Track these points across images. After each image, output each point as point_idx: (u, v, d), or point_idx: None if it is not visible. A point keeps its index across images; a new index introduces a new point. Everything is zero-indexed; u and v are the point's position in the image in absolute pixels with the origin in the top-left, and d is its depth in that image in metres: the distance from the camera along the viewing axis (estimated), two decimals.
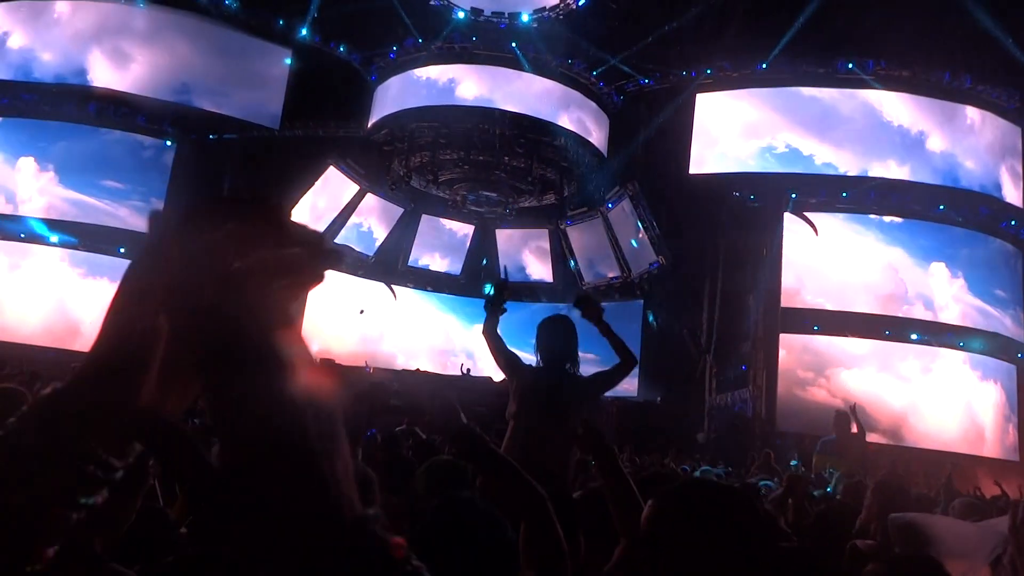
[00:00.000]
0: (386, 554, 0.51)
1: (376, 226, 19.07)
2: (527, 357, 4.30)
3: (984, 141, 15.76)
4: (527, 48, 16.60)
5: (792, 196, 15.74)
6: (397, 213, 19.10)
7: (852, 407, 8.17)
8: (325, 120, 17.50)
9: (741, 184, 16.14)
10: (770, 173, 16.04)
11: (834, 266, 15.33)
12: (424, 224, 19.52)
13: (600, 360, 4.50)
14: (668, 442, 13.15)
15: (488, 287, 4.34)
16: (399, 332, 18.86)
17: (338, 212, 18.10)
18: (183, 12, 16.25)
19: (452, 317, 19.70)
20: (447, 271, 20.02)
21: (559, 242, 19.44)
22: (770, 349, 15.17)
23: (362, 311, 18.09)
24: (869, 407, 14.12)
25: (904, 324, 15.02)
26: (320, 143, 17.37)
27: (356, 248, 18.39)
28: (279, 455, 0.50)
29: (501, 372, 4.22)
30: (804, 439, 12.12)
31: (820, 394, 14.39)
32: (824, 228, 15.53)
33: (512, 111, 16.61)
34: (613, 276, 18.66)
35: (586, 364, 4.19)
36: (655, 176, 17.05)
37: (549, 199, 18.22)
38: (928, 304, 15.17)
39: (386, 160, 17.73)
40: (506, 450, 3.90)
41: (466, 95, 16.88)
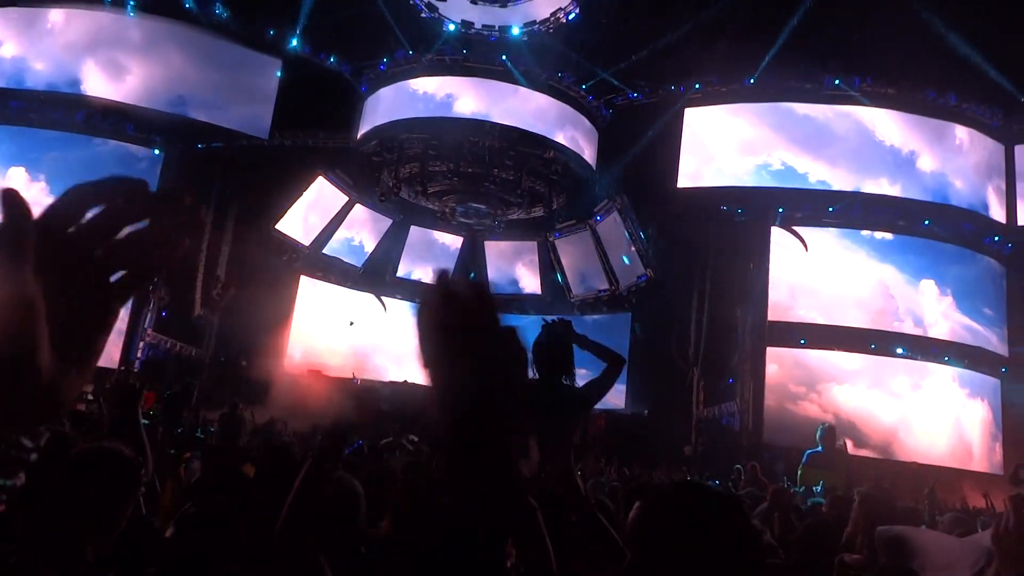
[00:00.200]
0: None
1: (365, 237, 19.06)
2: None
3: (971, 161, 15.96)
4: (517, 61, 16.69)
5: (779, 210, 15.87)
6: (386, 224, 19.10)
7: (830, 427, 8.26)
8: (315, 130, 17.50)
9: (729, 198, 16.24)
10: (757, 187, 16.14)
11: (827, 282, 15.42)
12: (413, 235, 19.52)
13: (591, 375, 4.50)
14: (656, 455, 13.17)
15: None
16: (390, 345, 18.81)
17: (327, 223, 18.09)
18: (173, 22, 16.23)
19: None
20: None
21: (548, 254, 19.48)
22: (757, 362, 15.22)
23: (352, 323, 18.07)
24: (860, 423, 14.24)
25: (890, 338, 15.12)
26: (309, 153, 17.36)
27: (345, 260, 18.37)
28: None
29: None
30: (791, 452, 12.16)
31: (812, 409, 14.43)
32: (817, 244, 15.64)
33: (502, 123, 16.66)
34: (601, 289, 18.71)
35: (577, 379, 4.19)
36: (644, 190, 17.13)
37: (538, 212, 18.27)
38: (918, 321, 15.30)
39: (375, 171, 17.75)
40: None
41: (456, 107, 16.93)
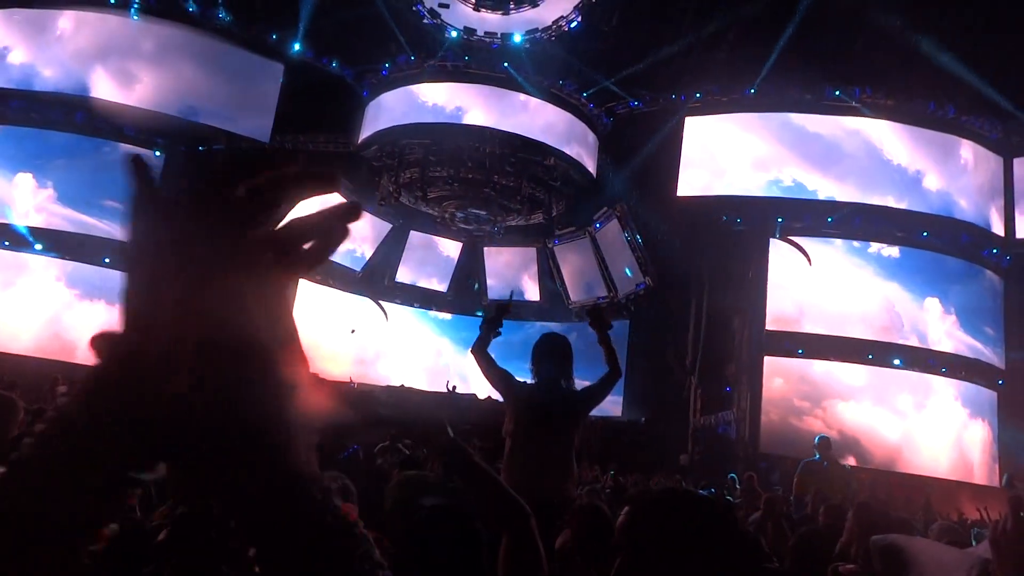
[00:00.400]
0: (338, 513, 0.55)
1: (365, 242, 19.08)
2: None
3: (976, 182, 16.07)
4: (519, 68, 16.74)
5: (779, 220, 15.90)
6: (386, 229, 19.11)
7: (827, 437, 8.28)
8: (315, 134, 17.53)
9: (728, 207, 16.27)
10: (757, 197, 16.18)
11: (834, 297, 15.48)
12: (412, 240, 19.54)
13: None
14: (653, 463, 13.16)
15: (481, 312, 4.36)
16: (393, 354, 18.82)
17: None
18: (176, 25, 16.26)
19: (446, 340, 19.68)
20: (434, 288, 20.03)
21: (547, 261, 19.50)
22: (754, 371, 15.23)
23: (353, 330, 18.09)
24: (864, 439, 14.30)
25: (888, 349, 15.14)
26: (309, 157, 17.38)
27: (344, 263, 18.37)
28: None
29: (494, 389, 4.23)
30: (785, 461, 12.18)
31: (816, 424, 14.43)
32: (824, 259, 15.71)
33: (503, 130, 16.70)
34: (600, 296, 18.71)
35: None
36: (644, 198, 17.17)
37: (537, 218, 18.29)
38: (922, 339, 15.38)
39: (376, 176, 17.77)
40: (504, 467, 3.92)
41: (457, 113, 16.97)
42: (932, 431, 14.82)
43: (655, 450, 14.70)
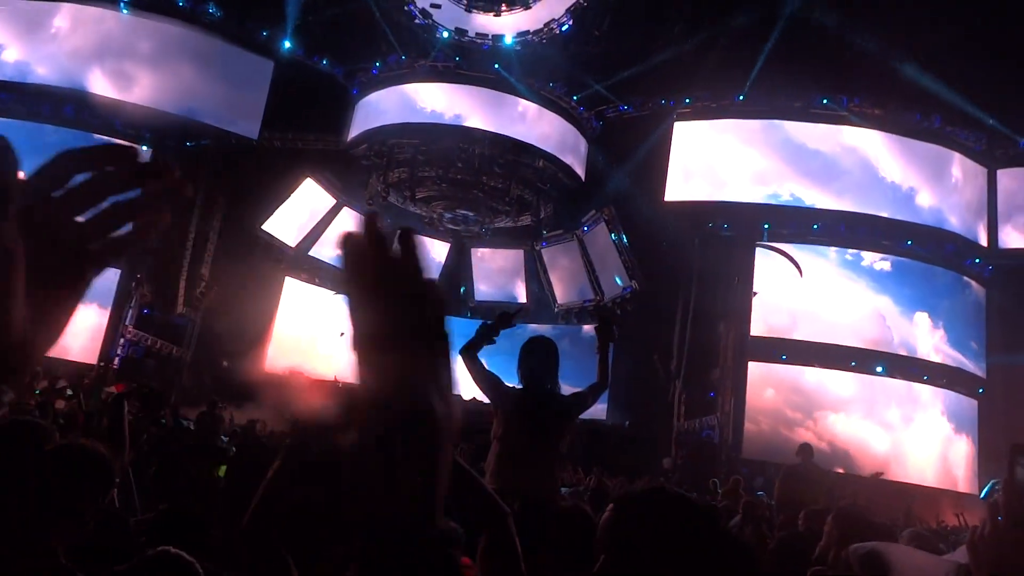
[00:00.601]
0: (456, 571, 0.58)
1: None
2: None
3: (965, 198, 16.34)
4: (509, 70, 16.74)
5: (765, 227, 15.99)
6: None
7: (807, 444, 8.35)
8: (304, 132, 17.47)
9: (715, 213, 16.34)
10: (743, 203, 16.26)
11: (827, 308, 15.63)
12: None
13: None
14: (637, 466, 13.17)
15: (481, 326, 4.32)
16: None
17: (314, 225, 18.02)
18: (167, 20, 16.17)
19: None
20: None
21: (534, 263, 19.50)
22: (738, 377, 15.30)
23: (343, 333, 18.02)
24: (853, 450, 14.51)
25: (870, 356, 15.26)
26: (298, 155, 17.32)
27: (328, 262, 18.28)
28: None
29: (482, 393, 4.23)
30: (769, 467, 12.22)
31: (807, 435, 14.50)
32: (819, 272, 15.88)
33: (492, 131, 16.70)
34: (586, 299, 18.74)
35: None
36: (631, 202, 17.19)
37: (525, 220, 18.30)
38: (911, 352, 15.61)
39: (364, 175, 17.72)
40: (491, 469, 3.92)
41: (447, 114, 16.96)
42: (918, 442, 15.02)
43: (639, 453, 14.72)
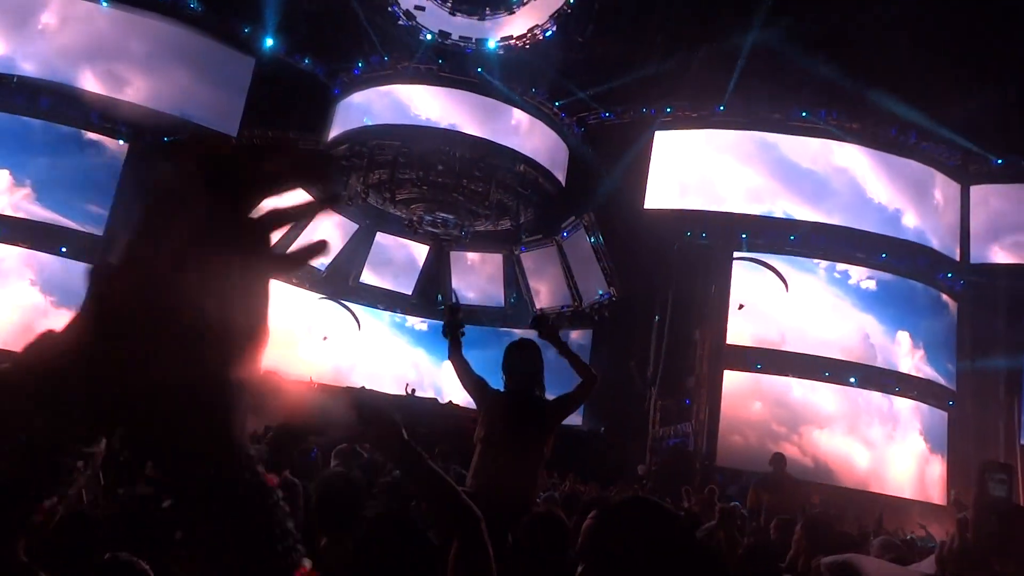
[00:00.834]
0: (257, 475, 0.58)
1: (330, 241, 18.85)
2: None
3: (946, 220, 16.63)
4: (492, 74, 16.76)
5: (743, 236, 16.14)
6: (352, 229, 18.97)
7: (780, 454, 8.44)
8: (285, 130, 17.34)
9: (693, 222, 16.44)
10: (721, 212, 16.40)
11: (814, 324, 15.82)
12: (379, 242, 19.42)
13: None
14: (611, 473, 13.20)
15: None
16: (368, 363, 18.56)
17: (292, 225, 17.86)
18: (146, 13, 15.99)
19: (421, 351, 19.49)
20: (399, 290, 19.92)
21: (513, 268, 19.51)
22: (714, 384, 15.40)
23: (325, 338, 18.03)
24: (835, 465, 14.69)
25: (843, 367, 15.43)
26: (277, 152, 17.19)
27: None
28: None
29: (468, 394, 4.21)
30: (742, 475, 12.32)
31: (792, 450, 14.64)
32: (807, 289, 16.05)
33: (473, 135, 16.70)
34: (564, 305, 18.78)
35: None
36: (611, 208, 17.27)
37: (505, 225, 18.30)
38: (893, 369, 15.87)
39: (344, 175, 17.63)
40: (473, 473, 3.91)
41: (428, 116, 16.94)
42: (896, 457, 15.28)
43: (614, 460, 14.74)
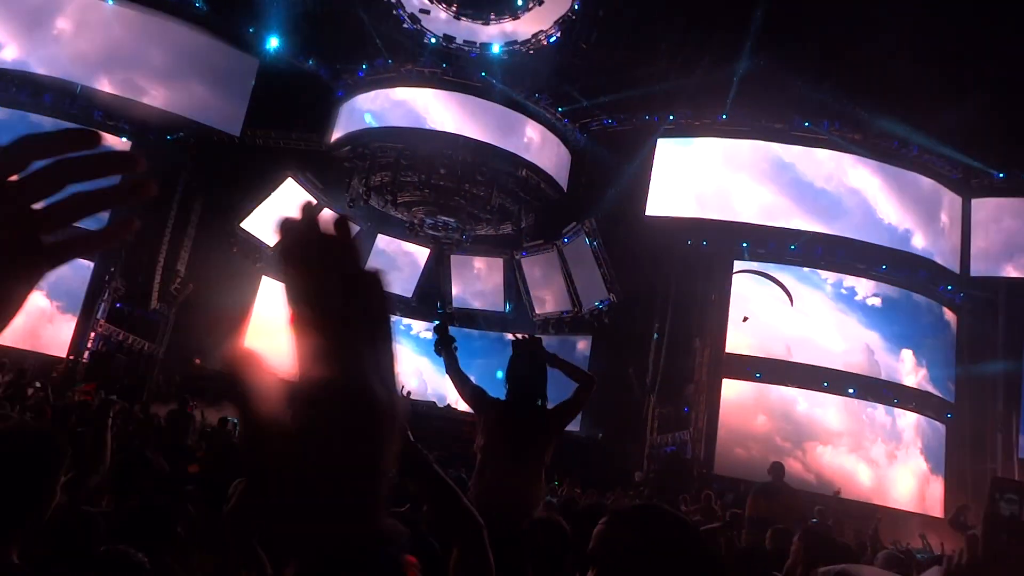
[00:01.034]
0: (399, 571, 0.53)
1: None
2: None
3: (951, 242, 16.73)
4: (495, 79, 16.79)
5: (744, 245, 16.15)
6: (353, 231, 18.89)
7: (779, 463, 8.43)
8: (288, 131, 17.38)
9: (694, 230, 16.45)
10: (722, 221, 16.41)
11: (821, 338, 15.87)
12: (380, 244, 19.43)
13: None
14: (609, 479, 13.19)
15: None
16: None
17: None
18: (153, 12, 16.04)
19: (426, 360, 19.42)
20: (399, 293, 19.90)
21: (513, 272, 19.51)
22: (712, 393, 15.39)
23: None
24: (836, 477, 14.54)
25: (841, 377, 15.43)
26: (280, 153, 17.22)
27: None
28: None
29: (467, 405, 4.21)
30: (739, 484, 12.31)
31: (796, 465, 14.66)
32: (814, 305, 16.10)
33: (475, 139, 16.72)
34: (564, 310, 18.78)
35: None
36: (612, 215, 17.28)
37: (506, 229, 18.31)
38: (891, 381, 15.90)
39: (346, 177, 17.65)
40: (474, 482, 3.89)
41: (432, 119, 16.96)
42: (895, 470, 15.33)
43: (611, 466, 14.74)
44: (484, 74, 16.85)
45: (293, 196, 17.70)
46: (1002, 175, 16.39)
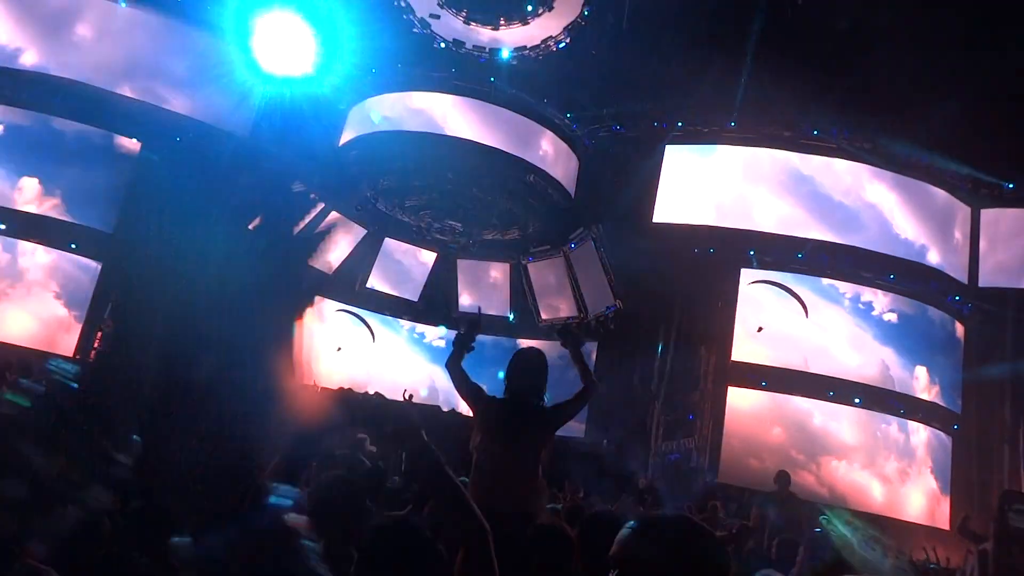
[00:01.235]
0: (282, 524, 0.53)
1: (338, 245, 18.91)
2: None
3: (961, 258, 16.64)
4: (504, 84, 16.81)
5: (751, 252, 16.12)
6: (360, 234, 19.00)
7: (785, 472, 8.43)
8: (296, 134, 17.38)
9: (701, 237, 16.43)
10: (729, 228, 16.39)
11: (839, 351, 15.85)
12: (386, 247, 19.44)
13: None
14: (613, 485, 13.15)
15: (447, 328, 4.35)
16: (385, 378, 18.45)
17: (301, 227, 17.90)
18: (164, 15, 16.12)
19: (438, 368, 19.35)
20: (405, 296, 19.91)
21: (519, 277, 19.50)
22: (718, 400, 15.35)
23: (339, 348, 18.19)
24: (851, 498, 14.51)
25: (847, 387, 15.37)
26: (289, 155, 17.22)
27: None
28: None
29: (464, 402, 4.23)
30: (744, 493, 12.28)
31: (808, 478, 14.61)
32: (831, 318, 16.07)
33: (483, 144, 16.73)
34: (570, 316, 18.75)
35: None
36: (620, 221, 17.25)
37: (513, 234, 18.30)
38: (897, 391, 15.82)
39: (354, 180, 17.67)
40: (470, 481, 3.90)
41: (440, 124, 16.97)
42: (902, 480, 15.26)
43: (616, 473, 14.70)
44: (492, 79, 16.87)
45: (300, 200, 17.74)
46: (1011, 185, 16.33)
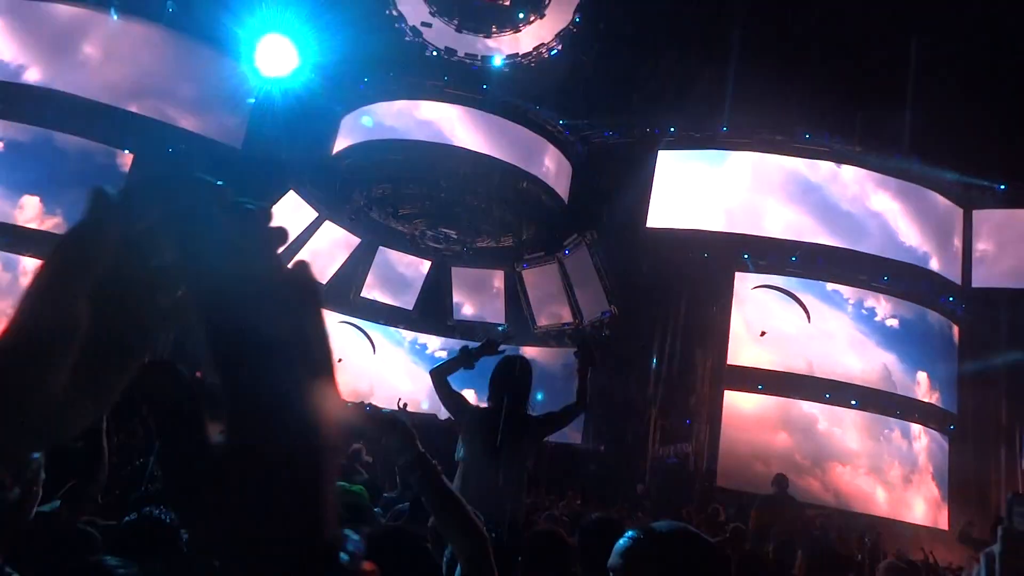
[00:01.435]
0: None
1: (333, 255, 18.88)
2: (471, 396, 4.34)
3: (952, 247, 16.80)
4: (497, 91, 16.85)
5: (745, 256, 16.15)
6: (354, 243, 18.97)
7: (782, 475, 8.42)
8: (289, 143, 17.37)
9: (695, 242, 16.46)
10: (723, 233, 16.42)
11: (842, 356, 15.92)
12: (380, 256, 19.41)
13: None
14: (611, 492, 13.15)
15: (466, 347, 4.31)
16: (385, 390, 18.39)
17: (295, 237, 17.89)
18: (153, 25, 16.11)
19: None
20: (400, 305, 19.87)
21: (514, 284, 19.49)
22: (714, 404, 15.36)
23: (340, 359, 18.01)
24: (854, 504, 14.59)
25: (844, 389, 15.40)
26: (282, 166, 17.21)
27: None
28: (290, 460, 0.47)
29: (447, 411, 4.21)
30: (743, 496, 12.26)
31: (814, 484, 14.62)
32: (835, 324, 16.14)
33: (477, 151, 16.75)
34: (565, 322, 18.75)
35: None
36: (613, 227, 17.27)
37: (507, 241, 18.31)
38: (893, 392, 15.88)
39: (347, 189, 17.67)
40: (458, 492, 3.89)
41: (433, 132, 17.00)
42: (901, 483, 15.33)
43: (614, 479, 14.69)
44: (485, 87, 16.91)
45: (294, 209, 17.73)
46: (1003, 187, 16.42)
